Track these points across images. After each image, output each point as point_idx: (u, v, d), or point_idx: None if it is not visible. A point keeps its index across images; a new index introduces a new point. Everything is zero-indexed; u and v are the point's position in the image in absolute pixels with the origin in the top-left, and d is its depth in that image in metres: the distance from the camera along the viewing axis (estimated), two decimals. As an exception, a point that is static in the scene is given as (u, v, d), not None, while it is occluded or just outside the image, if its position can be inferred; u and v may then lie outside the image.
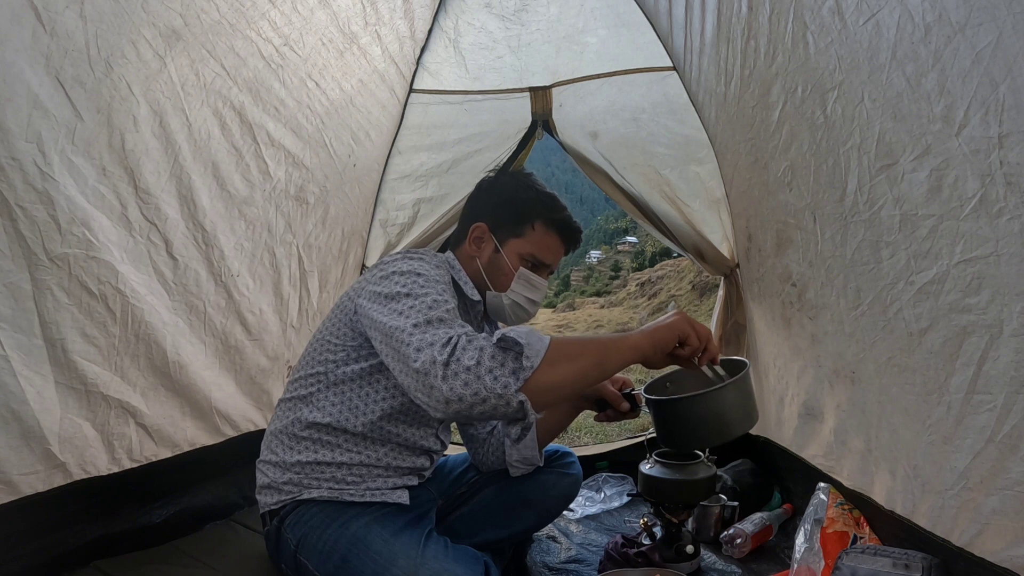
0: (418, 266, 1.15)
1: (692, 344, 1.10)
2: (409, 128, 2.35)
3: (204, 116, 1.51)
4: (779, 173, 1.58)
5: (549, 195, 1.36)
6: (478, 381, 0.91)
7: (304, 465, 1.22)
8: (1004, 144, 0.88)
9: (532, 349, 0.94)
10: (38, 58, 1.12)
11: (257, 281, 1.79)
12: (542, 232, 1.33)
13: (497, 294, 1.34)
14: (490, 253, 1.34)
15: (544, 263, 1.35)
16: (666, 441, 1.33)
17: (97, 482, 1.34)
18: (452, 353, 0.93)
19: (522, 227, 1.33)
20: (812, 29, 1.28)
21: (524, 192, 1.34)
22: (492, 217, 1.34)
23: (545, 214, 1.33)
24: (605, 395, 1.39)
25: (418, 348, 0.95)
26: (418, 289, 1.07)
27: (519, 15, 2.22)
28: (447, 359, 0.92)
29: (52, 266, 1.20)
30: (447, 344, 0.94)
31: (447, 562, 1.06)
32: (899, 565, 1.13)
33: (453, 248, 1.40)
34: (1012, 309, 0.92)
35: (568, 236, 1.37)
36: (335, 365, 1.23)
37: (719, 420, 1.22)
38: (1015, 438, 0.94)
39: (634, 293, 21.23)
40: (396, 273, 1.13)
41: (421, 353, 0.94)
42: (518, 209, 1.33)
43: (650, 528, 1.54)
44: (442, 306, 1.03)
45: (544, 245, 1.34)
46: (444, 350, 0.93)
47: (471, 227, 1.35)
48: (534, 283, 1.34)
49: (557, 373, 0.96)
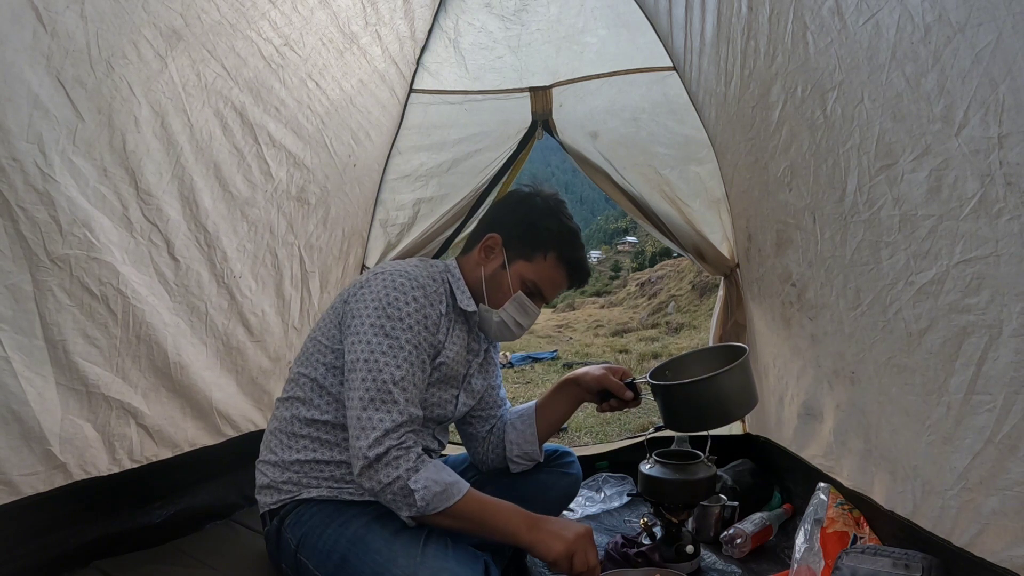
0: (396, 308, 1.17)
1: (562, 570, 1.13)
2: (409, 128, 2.34)
3: (205, 116, 1.51)
4: (779, 173, 1.58)
5: (572, 231, 1.34)
6: (382, 495, 1.11)
7: (303, 464, 1.22)
8: (1004, 144, 0.88)
9: (431, 505, 1.10)
10: (39, 58, 1.12)
11: (259, 282, 1.79)
12: (552, 265, 1.32)
13: (489, 310, 1.32)
14: (495, 267, 1.32)
15: (543, 294, 1.34)
16: (672, 424, 1.39)
17: (97, 482, 1.34)
18: (378, 460, 1.09)
19: (534, 253, 1.31)
20: (812, 29, 1.28)
21: (547, 220, 1.32)
22: (509, 233, 1.32)
23: (560, 249, 1.32)
24: (607, 385, 1.39)
25: (361, 427, 1.12)
26: (381, 356, 1.14)
27: (519, 15, 2.22)
28: (371, 462, 1.09)
29: (53, 267, 1.20)
30: (379, 444, 1.10)
31: (447, 561, 1.07)
32: (899, 565, 1.13)
33: (463, 251, 1.39)
34: (1012, 309, 0.92)
35: (576, 276, 1.36)
36: (325, 368, 1.24)
37: (722, 402, 1.32)
38: (1015, 438, 0.94)
39: (634, 293, 21.20)
40: (373, 312, 1.17)
41: (358, 438, 1.11)
42: (536, 235, 1.31)
43: (650, 528, 1.54)
44: (397, 384, 1.14)
45: (549, 278, 1.33)
46: (372, 451, 1.09)
47: (486, 235, 1.33)
48: (527, 309, 1.33)
49: (445, 523, 1.13)
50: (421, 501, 1.09)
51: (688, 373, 1.42)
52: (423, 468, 1.11)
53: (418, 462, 1.11)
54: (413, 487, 1.09)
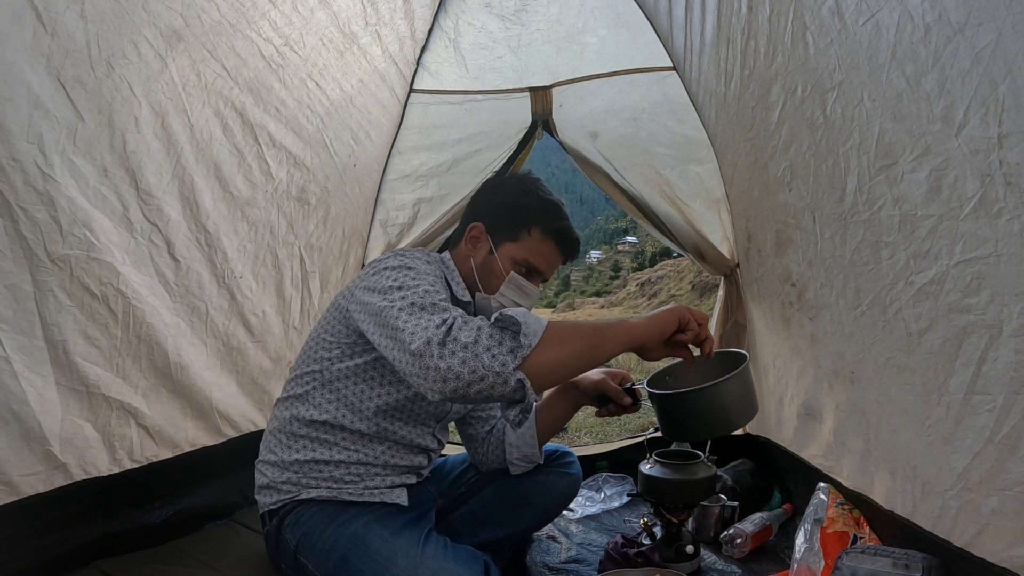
0: (408, 261, 1.17)
1: (692, 329, 1.10)
2: (409, 128, 2.35)
3: (206, 117, 1.51)
4: (779, 173, 1.58)
5: (551, 202, 1.34)
6: (476, 359, 0.92)
7: (303, 464, 1.22)
8: (1004, 144, 0.88)
9: (530, 328, 0.96)
10: (39, 58, 1.12)
11: (260, 283, 1.79)
12: (539, 239, 1.32)
13: (486, 296, 1.32)
14: (484, 254, 1.33)
15: (537, 270, 1.34)
16: (670, 434, 1.35)
17: (98, 483, 1.34)
18: (449, 332, 0.94)
19: (518, 231, 1.31)
20: (812, 29, 1.28)
21: (525, 197, 1.33)
22: (490, 218, 1.34)
23: (543, 221, 1.32)
24: (606, 390, 1.39)
25: (413, 331, 0.97)
26: (410, 281, 1.09)
27: (519, 15, 2.22)
28: (443, 338, 0.93)
29: (53, 267, 1.20)
30: (443, 324, 0.96)
31: (447, 561, 1.07)
32: (899, 565, 1.13)
33: (451, 247, 1.40)
34: (1011, 309, 0.92)
35: (565, 246, 1.35)
36: (330, 362, 1.23)
37: (722, 412, 1.25)
38: (1014, 439, 0.94)
39: (634, 293, 21.21)
40: (387, 268, 1.15)
41: (416, 335, 0.95)
42: (517, 213, 1.32)
43: (650, 528, 1.54)
44: (434, 295, 1.05)
45: (539, 252, 1.32)
46: (440, 329, 0.95)
47: (469, 226, 1.35)
48: (524, 289, 1.32)
49: (554, 353, 0.98)
50: (526, 328, 0.95)
51: (687, 380, 1.37)
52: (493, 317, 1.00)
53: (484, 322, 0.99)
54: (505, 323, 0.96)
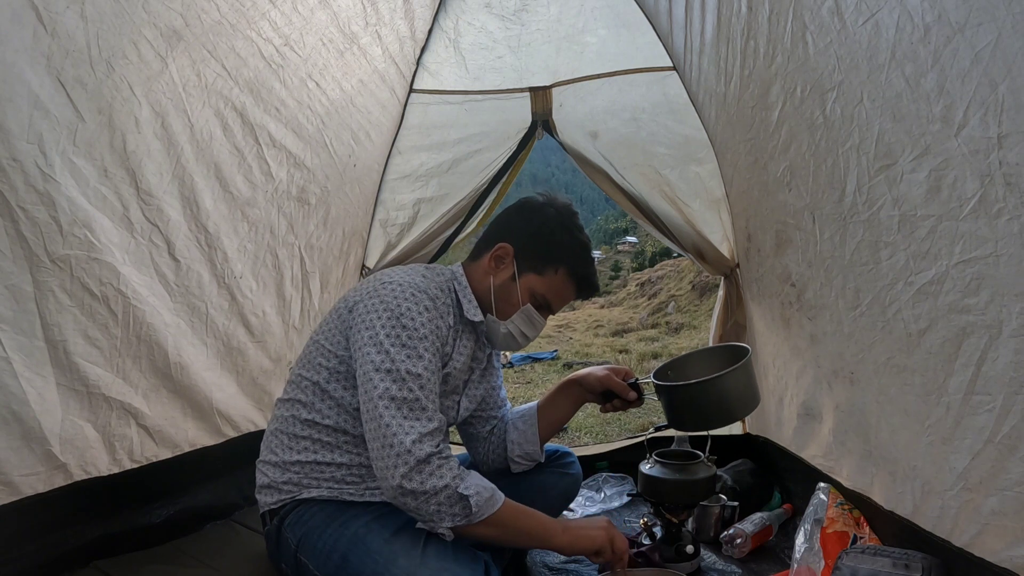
0: (406, 309, 1.15)
1: (606, 557, 1.22)
2: (409, 128, 2.35)
3: (206, 117, 1.51)
4: (778, 173, 1.58)
5: (584, 246, 1.33)
6: (426, 505, 1.06)
7: (303, 465, 1.22)
8: (1003, 144, 0.88)
9: (481, 512, 1.08)
10: (39, 59, 1.12)
11: (260, 283, 1.79)
12: (562, 280, 1.31)
13: (496, 320, 1.31)
14: (506, 278, 1.31)
15: (551, 307, 1.34)
16: (675, 424, 1.42)
17: (98, 483, 1.34)
18: (424, 467, 1.05)
19: (545, 267, 1.30)
20: (811, 29, 1.28)
21: (561, 234, 1.31)
22: (521, 244, 1.31)
23: (572, 264, 1.31)
24: (611, 386, 1.40)
25: (395, 433, 1.06)
26: (400, 355, 1.12)
27: (519, 15, 2.22)
28: (411, 470, 1.05)
29: (54, 267, 1.20)
30: (422, 449, 1.06)
31: (447, 561, 1.07)
32: (899, 565, 1.13)
33: (471, 257, 1.37)
34: (1011, 309, 0.92)
35: (583, 291, 1.36)
36: (328, 373, 1.23)
37: (726, 402, 1.35)
38: (1014, 439, 0.94)
39: (634, 293, 21.16)
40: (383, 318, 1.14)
41: (396, 441, 1.06)
42: (549, 249, 1.30)
43: (650, 528, 1.54)
44: (417, 389, 1.11)
45: (558, 292, 1.32)
46: (414, 456, 1.05)
47: (497, 244, 1.32)
48: (534, 322, 1.33)
49: (491, 532, 1.12)
50: (475, 507, 1.07)
51: (691, 373, 1.44)
52: (467, 475, 1.10)
53: (460, 469, 1.09)
54: (465, 492, 1.06)
